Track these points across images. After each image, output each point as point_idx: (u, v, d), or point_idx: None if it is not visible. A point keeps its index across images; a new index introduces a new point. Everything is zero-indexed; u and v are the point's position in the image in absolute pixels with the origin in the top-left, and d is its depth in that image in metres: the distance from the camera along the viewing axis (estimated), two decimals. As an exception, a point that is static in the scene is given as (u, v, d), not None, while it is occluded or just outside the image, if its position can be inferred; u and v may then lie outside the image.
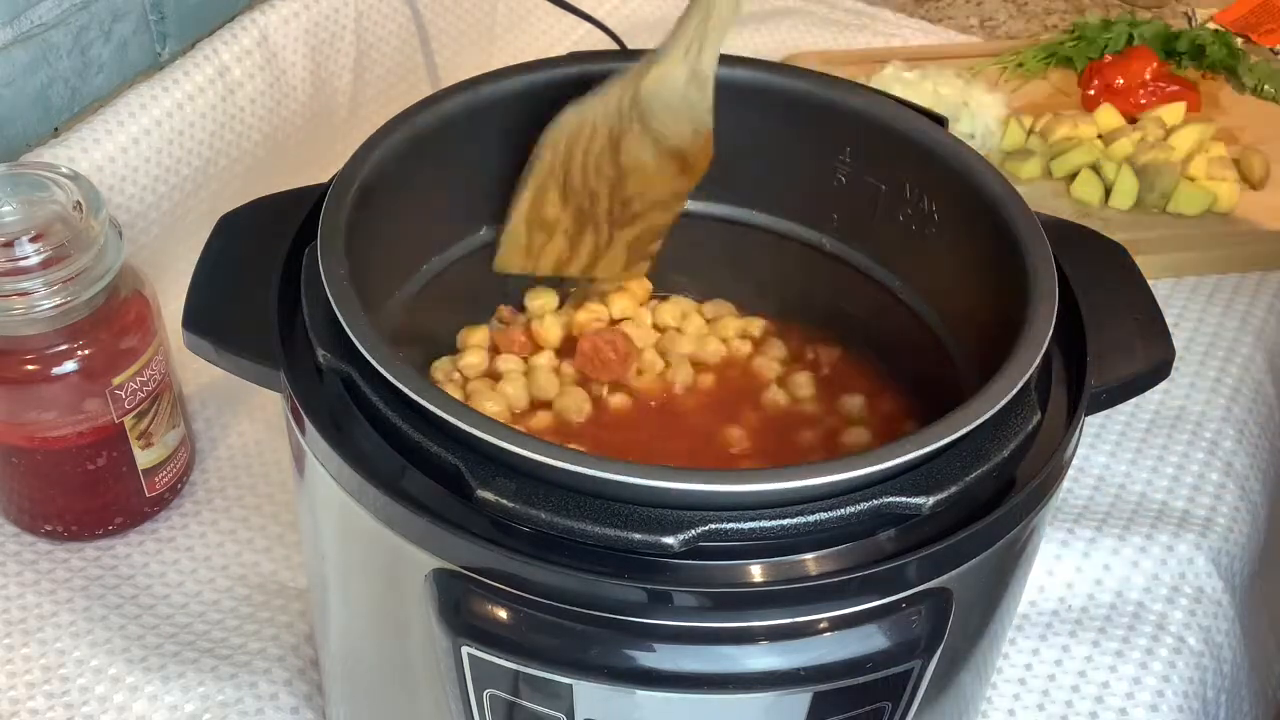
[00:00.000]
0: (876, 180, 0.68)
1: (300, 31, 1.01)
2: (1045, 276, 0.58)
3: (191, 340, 0.59)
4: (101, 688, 0.74)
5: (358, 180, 0.60)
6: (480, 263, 0.70)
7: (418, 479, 0.52)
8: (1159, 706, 0.76)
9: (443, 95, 0.65)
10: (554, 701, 0.52)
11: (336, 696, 0.68)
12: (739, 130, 0.69)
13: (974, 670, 0.60)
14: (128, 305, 0.77)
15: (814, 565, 0.50)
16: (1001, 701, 0.76)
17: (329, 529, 0.58)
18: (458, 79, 0.67)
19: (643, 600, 0.49)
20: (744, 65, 0.69)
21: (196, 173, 0.96)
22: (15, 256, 0.72)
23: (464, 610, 0.51)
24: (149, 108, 0.92)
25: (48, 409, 0.76)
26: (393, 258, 0.66)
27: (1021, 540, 0.56)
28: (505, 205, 0.68)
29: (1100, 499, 0.86)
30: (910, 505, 0.51)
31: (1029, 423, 0.55)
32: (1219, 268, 1.02)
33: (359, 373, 0.54)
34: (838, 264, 0.71)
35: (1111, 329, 0.60)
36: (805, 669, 0.50)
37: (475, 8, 1.18)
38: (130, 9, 0.93)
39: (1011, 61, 1.19)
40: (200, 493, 0.85)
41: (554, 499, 0.50)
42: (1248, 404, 0.93)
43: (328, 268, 0.56)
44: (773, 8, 1.31)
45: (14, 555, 0.81)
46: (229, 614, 0.78)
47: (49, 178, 0.75)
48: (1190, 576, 0.82)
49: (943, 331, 0.67)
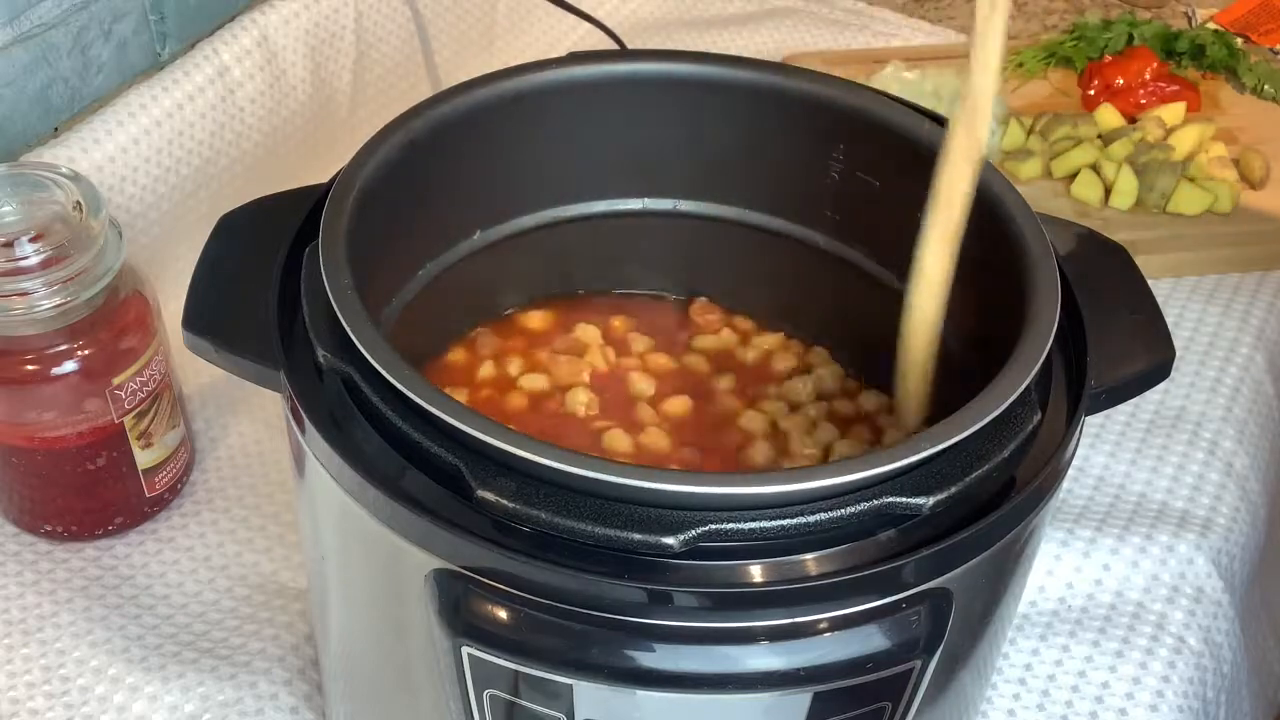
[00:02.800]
0: (874, 179, 0.68)
1: (300, 31, 1.01)
2: (1045, 276, 0.58)
3: (191, 340, 0.59)
4: (101, 688, 0.74)
5: (357, 183, 0.60)
6: (475, 268, 0.70)
7: (418, 479, 0.52)
8: (1159, 706, 0.76)
9: (442, 98, 0.65)
10: (554, 701, 0.52)
11: (336, 696, 0.68)
12: (735, 129, 0.69)
13: (974, 670, 0.60)
14: (128, 305, 0.77)
15: (814, 565, 0.50)
16: (1001, 701, 0.76)
17: (329, 529, 0.58)
18: (458, 79, 0.67)
19: (643, 600, 0.49)
20: (743, 65, 0.69)
21: (196, 173, 0.96)
22: (15, 256, 0.72)
23: (464, 610, 0.51)
24: (149, 108, 0.92)
25: (48, 409, 0.76)
26: (392, 260, 0.66)
27: (1021, 540, 0.56)
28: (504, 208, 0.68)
29: (1100, 499, 0.86)
30: (910, 505, 0.51)
31: (1029, 423, 0.55)
32: (1219, 268, 1.02)
33: (359, 373, 0.54)
34: (835, 262, 0.71)
35: (1111, 329, 0.60)
36: (805, 669, 0.50)
37: (475, 8, 1.18)
38: (130, 9, 0.93)
39: (1011, 61, 1.19)
40: (200, 493, 0.85)
41: (554, 499, 0.50)
42: (1248, 404, 0.93)
43: (329, 269, 0.56)
44: (773, 8, 1.31)
45: (14, 555, 0.81)
46: (229, 614, 0.78)
47: (49, 178, 0.75)
48: (1190, 576, 0.82)
49: (944, 332, 0.67)
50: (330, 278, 0.55)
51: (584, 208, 0.73)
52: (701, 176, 0.72)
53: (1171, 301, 0.99)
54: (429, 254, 0.69)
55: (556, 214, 0.72)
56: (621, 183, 0.72)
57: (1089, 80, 1.15)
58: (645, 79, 0.69)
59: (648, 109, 0.69)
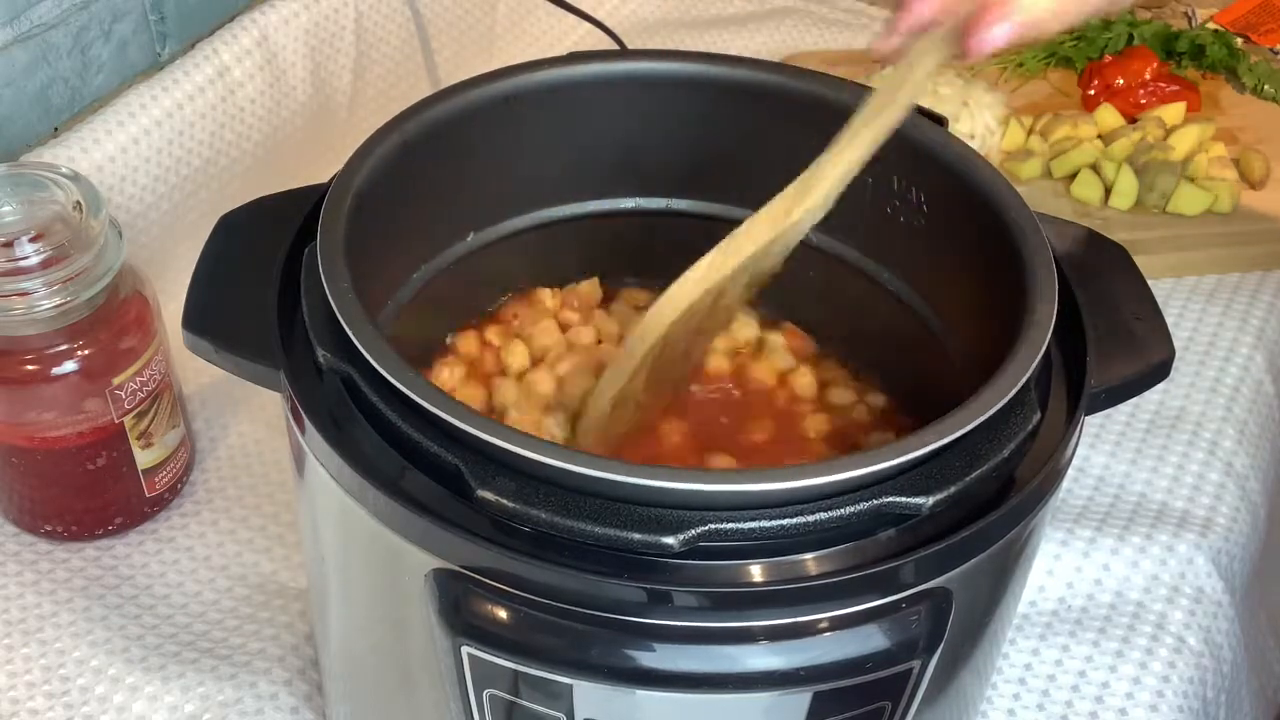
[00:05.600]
0: (874, 179, 0.68)
1: (300, 31, 1.01)
2: (1045, 276, 0.58)
3: (191, 340, 0.59)
4: (101, 688, 0.74)
5: (354, 186, 0.60)
6: (468, 269, 0.70)
7: (418, 479, 0.52)
8: (1158, 706, 0.76)
9: (435, 99, 0.65)
10: (554, 701, 0.52)
11: (336, 696, 0.68)
12: (734, 129, 0.69)
13: (974, 670, 0.60)
14: (128, 305, 0.77)
15: (814, 565, 0.50)
16: (1001, 701, 0.76)
17: (329, 529, 0.58)
18: (458, 79, 0.67)
19: (643, 600, 0.49)
20: (743, 65, 0.69)
21: (196, 173, 0.96)
22: (15, 256, 0.72)
23: (464, 610, 0.51)
24: (149, 108, 0.92)
25: (48, 409, 0.76)
26: (390, 260, 0.66)
27: (1021, 540, 0.56)
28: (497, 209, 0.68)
29: (1100, 499, 0.86)
30: (910, 505, 0.51)
31: (1029, 423, 0.55)
32: (1219, 268, 1.02)
33: (359, 373, 0.54)
34: (828, 259, 0.71)
35: (1111, 329, 0.60)
36: (805, 669, 0.50)
37: (475, 8, 1.18)
38: (130, 9, 0.93)
39: (1011, 61, 1.19)
40: (200, 493, 0.85)
41: (554, 499, 0.50)
42: (1248, 404, 0.93)
43: (327, 271, 0.56)
44: (773, 8, 1.31)
45: (14, 555, 0.81)
46: (229, 614, 0.78)
47: (49, 178, 0.75)
48: (1190, 576, 0.82)
49: (942, 331, 0.67)
50: (329, 280, 0.55)
51: (577, 208, 0.73)
52: (697, 176, 0.72)
53: (1171, 301, 0.99)
54: (425, 255, 0.69)
55: (552, 214, 0.72)
56: (615, 182, 0.72)
57: (1089, 80, 1.15)
58: (645, 79, 0.69)
59: (646, 109, 0.69)
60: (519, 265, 0.73)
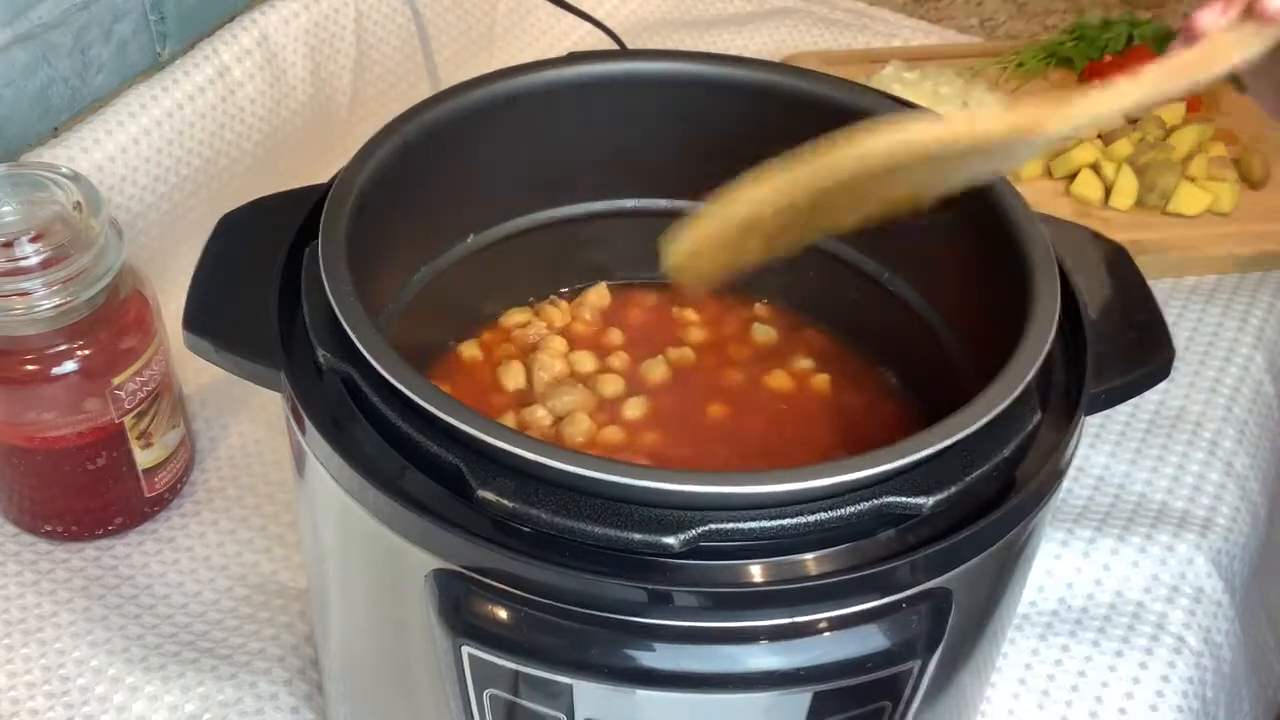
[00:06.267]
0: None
1: (300, 31, 1.01)
2: (1045, 276, 0.58)
3: (191, 340, 0.59)
4: (101, 688, 0.74)
5: (355, 187, 0.60)
6: (469, 269, 0.70)
7: (418, 479, 0.52)
8: (1158, 706, 0.76)
9: (436, 100, 0.65)
10: (554, 701, 0.52)
11: (336, 696, 0.68)
12: (734, 129, 0.69)
13: (973, 670, 0.60)
14: (128, 305, 0.77)
15: (814, 565, 0.50)
16: (1001, 701, 0.76)
17: (329, 529, 0.58)
18: (458, 79, 0.67)
19: (643, 600, 0.49)
20: (743, 65, 0.69)
21: (196, 173, 0.96)
22: (15, 256, 0.72)
23: (464, 610, 0.51)
24: (149, 108, 0.92)
25: (48, 409, 0.76)
26: (390, 260, 0.66)
27: (1021, 540, 0.56)
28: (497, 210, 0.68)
29: (1100, 499, 0.86)
30: (910, 505, 0.51)
31: (1029, 423, 0.55)
32: (1219, 268, 1.02)
33: (359, 373, 0.54)
34: (835, 262, 0.71)
35: (1111, 329, 0.60)
36: (805, 669, 0.50)
37: (475, 8, 1.18)
38: (130, 9, 0.93)
39: (1011, 61, 1.19)
40: (200, 493, 0.85)
41: (554, 499, 0.50)
42: (1248, 404, 0.93)
43: (328, 272, 0.56)
44: (773, 8, 1.31)
45: (14, 555, 0.81)
46: (229, 614, 0.78)
47: (49, 178, 0.75)
48: (1190, 576, 0.82)
49: (943, 331, 0.67)
50: (330, 280, 0.55)
51: (577, 208, 0.73)
52: (697, 176, 0.72)
53: (1171, 301, 0.99)
54: (426, 256, 0.69)
55: (552, 215, 0.72)
56: (615, 182, 0.72)
57: (1089, 80, 1.15)
58: (645, 79, 0.69)
59: (646, 109, 0.69)
60: (520, 266, 0.73)
